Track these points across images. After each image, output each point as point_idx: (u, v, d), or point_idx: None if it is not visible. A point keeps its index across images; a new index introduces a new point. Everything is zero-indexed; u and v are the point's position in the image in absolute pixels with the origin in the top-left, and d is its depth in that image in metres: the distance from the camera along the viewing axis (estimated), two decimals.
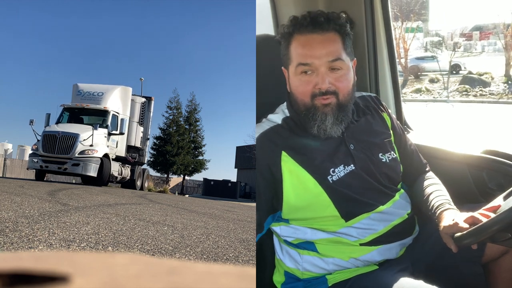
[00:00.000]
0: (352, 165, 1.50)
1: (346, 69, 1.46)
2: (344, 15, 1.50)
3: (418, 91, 17.93)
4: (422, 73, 19.06)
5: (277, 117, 1.56)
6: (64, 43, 61.29)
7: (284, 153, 1.47)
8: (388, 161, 1.58)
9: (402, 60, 18.80)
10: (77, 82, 12.53)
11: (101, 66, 57.98)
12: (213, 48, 61.42)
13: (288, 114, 1.56)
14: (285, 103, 1.60)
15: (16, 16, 56.84)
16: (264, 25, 2.22)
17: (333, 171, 1.48)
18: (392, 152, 1.62)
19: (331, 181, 1.46)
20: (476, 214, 1.35)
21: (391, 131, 1.68)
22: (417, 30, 20.13)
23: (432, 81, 18.44)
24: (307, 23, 1.45)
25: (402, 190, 1.63)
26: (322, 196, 1.46)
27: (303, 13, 1.49)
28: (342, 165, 1.49)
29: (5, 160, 21.99)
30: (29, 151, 11.21)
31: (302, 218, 1.52)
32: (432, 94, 17.74)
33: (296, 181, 1.46)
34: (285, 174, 1.46)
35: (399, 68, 19.06)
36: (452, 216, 1.40)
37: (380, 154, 1.57)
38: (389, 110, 1.75)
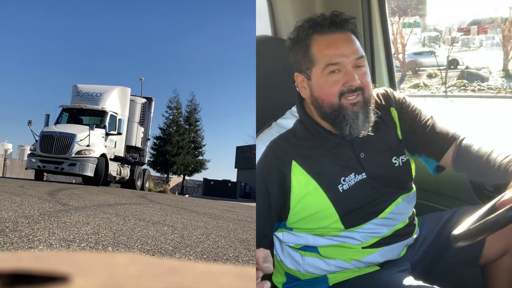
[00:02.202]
0: (363, 173, 1.48)
1: (366, 67, 1.47)
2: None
3: (416, 86, 17.89)
4: (420, 68, 19.02)
5: (287, 122, 1.53)
6: (64, 43, 61.24)
7: (294, 163, 1.44)
8: (401, 164, 1.55)
9: (400, 56, 18.80)
10: (77, 82, 12.60)
11: (101, 66, 57.90)
12: (213, 48, 61.35)
13: (298, 117, 1.53)
14: (293, 108, 1.57)
15: (16, 15, 56.83)
16: (264, 25, 2.22)
17: (344, 180, 1.46)
18: (406, 155, 1.58)
19: (341, 191, 1.45)
20: None
21: (398, 123, 1.61)
22: (415, 25, 20.11)
23: (430, 76, 18.41)
24: (328, 24, 1.44)
25: (408, 193, 1.59)
26: (328, 208, 1.45)
27: (318, 14, 1.48)
28: (353, 173, 1.48)
29: (5, 160, 21.98)
30: (29, 151, 11.25)
31: (306, 228, 1.51)
32: (430, 89, 17.71)
33: (304, 192, 1.44)
34: (294, 184, 1.44)
35: (397, 63, 19.06)
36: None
37: (394, 158, 1.55)
38: (398, 97, 1.66)
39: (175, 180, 29.83)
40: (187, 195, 21.33)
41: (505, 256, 1.57)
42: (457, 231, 1.35)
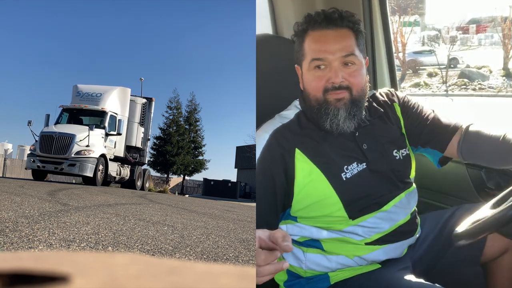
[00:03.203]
0: (364, 164, 1.50)
1: (359, 65, 1.47)
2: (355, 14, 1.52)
3: (416, 85, 17.81)
4: (420, 67, 18.94)
5: (290, 113, 1.56)
6: (64, 43, 61.23)
7: (297, 151, 1.46)
8: (401, 157, 1.58)
9: (400, 55, 18.74)
10: (77, 82, 12.62)
11: (101, 66, 57.91)
12: (213, 48, 61.34)
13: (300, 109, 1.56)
14: (296, 100, 1.59)
15: (16, 15, 56.81)
16: (264, 25, 2.22)
17: (347, 168, 1.48)
18: (406, 148, 1.61)
19: (344, 179, 1.46)
20: None
21: (401, 118, 1.65)
22: (415, 24, 20.05)
23: (430, 75, 18.34)
24: (321, 20, 1.46)
25: (410, 189, 1.61)
26: (331, 196, 1.46)
27: (317, 10, 1.50)
28: (356, 163, 1.49)
29: (5, 160, 21.98)
30: (29, 151, 11.27)
31: (310, 216, 1.51)
32: (431, 88, 17.63)
33: (308, 179, 1.45)
34: (298, 171, 1.45)
35: (397, 62, 18.95)
36: None
37: (395, 151, 1.57)
38: (401, 95, 1.70)
39: (175, 180, 29.83)
40: (187, 195, 21.34)
41: (506, 254, 1.57)
42: (459, 229, 1.35)
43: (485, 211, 1.36)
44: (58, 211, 3.79)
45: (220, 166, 54.26)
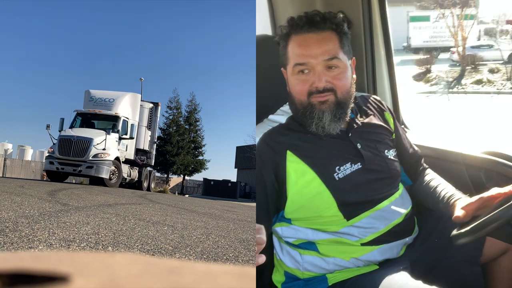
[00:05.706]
0: (359, 163, 1.51)
1: (344, 67, 1.47)
2: (341, 15, 1.51)
3: (479, 82, 16.77)
4: (480, 63, 17.79)
5: (279, 118, 1.56)
6: (63, 44, 61.28)
7: (289, 152, 1.47)
8: (392, 157, 1.61)
9: (459, 49, 17.80)
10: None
11: (101, 67, 58.07)
12: (213, 48, 61.44)
13: (291, 114, 1.56)
14: (285, 105, 1.61)
15: (20, 17, 56.85)
16: (264, 25, 2.22)
17: (339, 169, 1.48)
18: (394, 149, 1.65)
19: (337, 179, 1.47)
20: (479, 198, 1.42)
21: (393, 130, 1.71)
22: (476, 18, 19.12)
23: (491, 71, 17.23)
24: (303, 23, 1.46)
25: (401, 189, 1.64)
26: (325, 195, 1.46)
27: (299, 13, 1.50)
28: (349, 163, 1.50)
29: (5, 160, 21.98)
30: (29, 151, 11.48)
31: (304, 218, 1.51)
32: (495, 85, 16.50)
33: (301, 180, 1.46)
34: (290, 173, 1.46)
35: (455, 57, 17.85)
36: (462, 204, 1.45)
37: (386, 151, 1.60)
38: (388, 107, 1.77)
39: (175, 180, 29.84)
40: (187, 195, 21.34)
41: (505, 254, 1.57)
42: (458, 229, 1.36)
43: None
44: (58, 211, 3.79)
45: (220, 166, 54.42)
